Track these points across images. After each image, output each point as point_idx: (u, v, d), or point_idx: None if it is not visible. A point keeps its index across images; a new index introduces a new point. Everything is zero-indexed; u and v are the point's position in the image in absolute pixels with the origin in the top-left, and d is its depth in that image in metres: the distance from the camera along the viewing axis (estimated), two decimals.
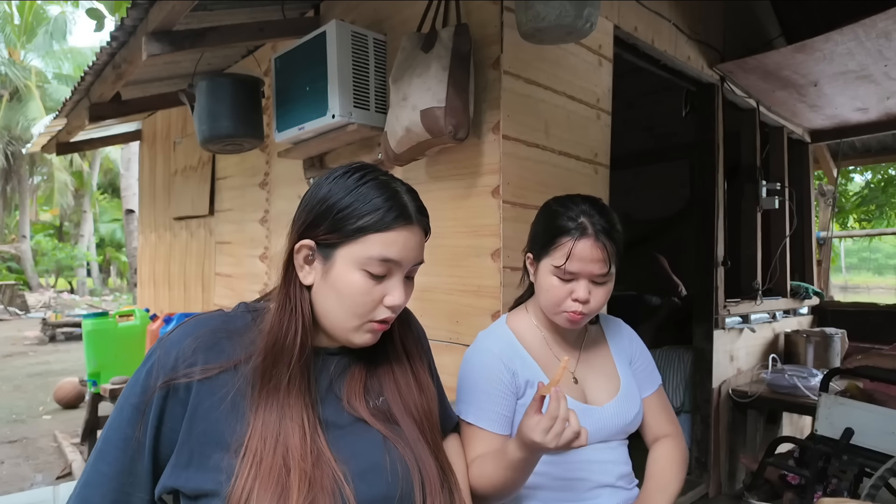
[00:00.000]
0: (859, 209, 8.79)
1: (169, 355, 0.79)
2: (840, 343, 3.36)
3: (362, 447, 0.84)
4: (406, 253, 0.83)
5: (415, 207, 0.85)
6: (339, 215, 0.81)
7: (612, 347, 1.29)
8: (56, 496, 0.98)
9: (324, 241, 0.82)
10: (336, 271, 0.82)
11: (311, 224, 0.83)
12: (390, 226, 0.81)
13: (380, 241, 0.81)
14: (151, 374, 0.78)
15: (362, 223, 0.80)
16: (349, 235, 0.81)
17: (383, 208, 0.81)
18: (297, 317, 0.83)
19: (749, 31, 3.27)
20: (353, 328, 0.84)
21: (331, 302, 0.83)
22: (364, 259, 0.81)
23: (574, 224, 1.10)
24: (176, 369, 0.78)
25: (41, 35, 18.02)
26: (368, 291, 0.82)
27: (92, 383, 3.46)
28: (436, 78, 1.67)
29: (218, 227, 3.49)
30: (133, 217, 10.11)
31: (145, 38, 2.00)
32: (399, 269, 0.84)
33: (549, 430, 0.89)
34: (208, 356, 0.80)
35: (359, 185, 0.82)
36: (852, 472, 2.04)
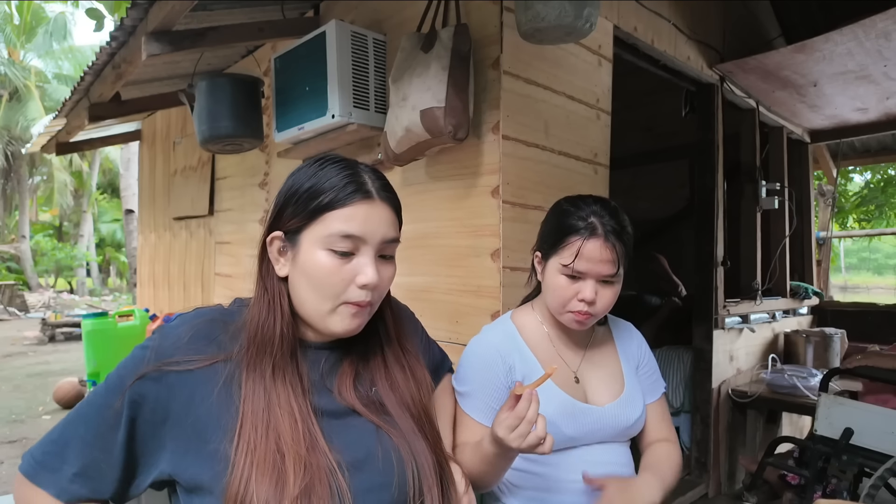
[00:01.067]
0: (859, 209, 8.80)
1: (166, 341, 0.81)
2: (839, 343, 3.36)
3: (355, 436, 0.84)
4: (368, 227, 0.82)
5: (378, 185, 0.85)
6: (300, 199, 0.82)
7: (620, 350, 1.29)
8: None
9: (290, 228, 0.83)
10: (302, 255, 0.82)
11: (277, 215, 0.85)
12: (347, 201, 0.81)
13: (339, 217, 0.80)
14: (145, 356, 0.80)
15: (319, 201, 0.81)
16: (310, 216, 0.81)
17: (337, 186, 0.81)
18: (275, 308, 0.84)
19: (749, 31, 3.27)
20: (327, 311, 0.83)
21: (303, 287, 0.83)
22: (325, 237, 0.80)
23: (584, 224, 1.10)
24: (170, 356, 0.79)
25: (41, 35, 18.01)
26: (336, 270, 0.81)
27: (91, 383, 3.46)
28: (435, 78, 1.67)
29: (217, 227, 3.49)
30: (133, 217, 10.11)
31: (145, 38, 2.00)
32: (366, 246, 0.83)
33: (514, 428, 0.90)
34: (203, 346, 0.81)
35: (319, 169, 0.84)
36: (852, 472, 2.04)
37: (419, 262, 2.02)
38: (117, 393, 0.78)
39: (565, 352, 1.22)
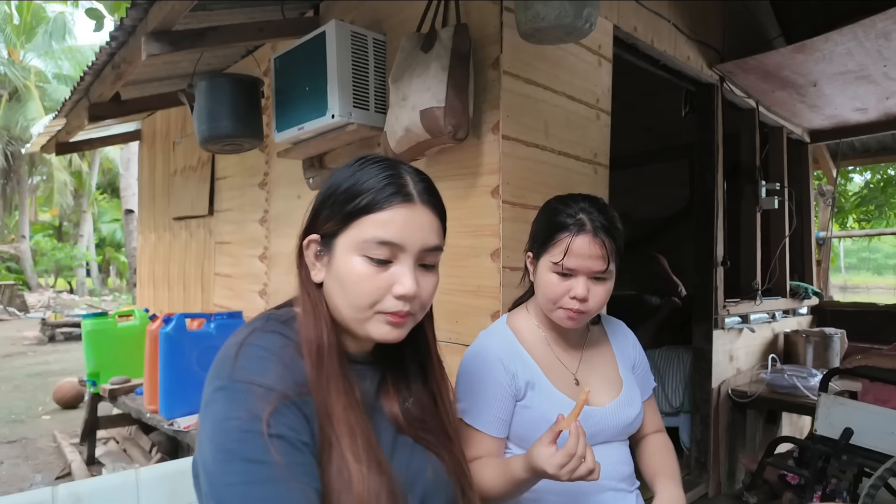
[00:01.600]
0: (858, 209, 8.80)
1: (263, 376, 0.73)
2: (839, 343, 3.36)
3: (405, 455, 0.83)
4: (407, 234, 0.76)
5: (420, 187, 0.79)
6: (336, 201, 0.77)
7: (616, 350, 1.29)
8: (55, 496, 0.98)
9: (326, 232, 0.79)
10: (337, 260, 0.77)
11: (314, 218, 0.81)
12: (384, 204, 0.75)
13: (375, 222, 0.75)
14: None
15: (356, 203, 0.75)
16: (346, 220, 0.76)
17: (375, 188, 0.76)
18: (318, 316, 0.79)
19: (748, 31, 3.27)
20: (362, 320, 0.78)
21: (337, 294, 0.78)
22: (361, 243, 0.75)
23: (572, 220, 1.10)
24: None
25: (41, 35, 18.01)
26: (370, 278, 0.75)
27: (91, 383, 3.46)
28: (435, 78, 1.67)
29: (217, 227, 3.49)
30: (132, 217, 10.11)
31: (145, 38, 2.00)
32: (404, 254, 0.76)
33: (564, 466, 0.89)
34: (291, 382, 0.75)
35: (358, 169, 0.79)
36: (851, 472, 2.04)
37: None
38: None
39: (563, 354, 1.22)
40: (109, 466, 3.40)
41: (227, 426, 0.68)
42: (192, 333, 2.83)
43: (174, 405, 2.76)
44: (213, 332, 2.84)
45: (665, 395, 3.11)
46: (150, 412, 2.94)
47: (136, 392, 3.30)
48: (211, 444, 0.69)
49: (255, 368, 0.72)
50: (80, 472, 3.38)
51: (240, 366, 0.73)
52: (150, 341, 2.92)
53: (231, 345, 0.78)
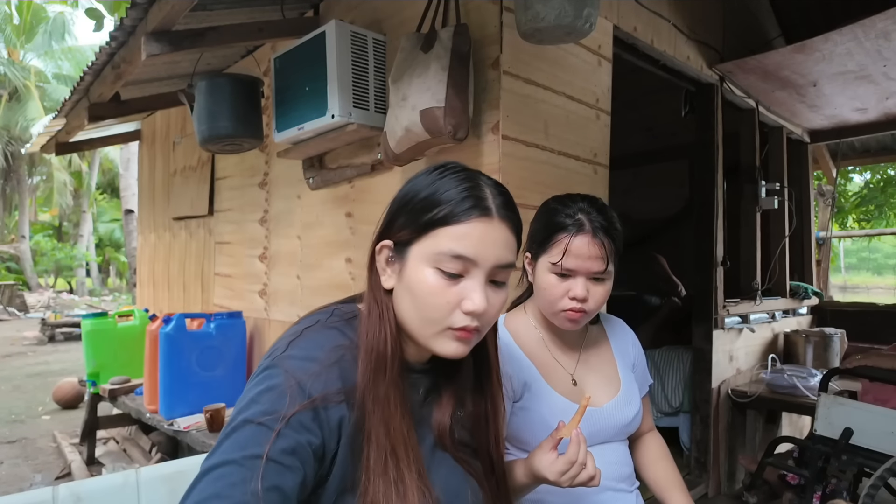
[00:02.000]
0: (858, 209, 8.80)
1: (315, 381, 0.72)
2: (839, 343, 3.36)
3: (445, 474, 0.82)
4: (482, 249, 0.74)
5: (498, 201, 0.77)
6: (413, 210, 0.76)
7: (615, 349, 1.28)
8: (55, 496, 0.98)
9: (400, 239, 0.77)
10: (409, 269, 0.76)
11: (389, 223, 0.79)
12: (462, 217, 0.73)
13: (451, 235, 0.73)
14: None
15: (432, 215, 0.74)
16: (421, 229, 0.75)
17: (454, 200, 0.74)
18: (384, 323, 0.77)
19: (748, 31, 3.27)
20: (430, 335, 0.76)
21: (406, 304, 0.77)
22: (434, 255, 0.73)
23: (571, 220, 1.09)
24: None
25: (40, 35, 18.01)
26: (441, 292, 0.74)
27: (91, 383, 3.46)
28: (435, 78, 1.67)
29: (217, 227, 3.49)
30: (132, 217, 10.10)
31: (144, 38, 2.00)
32: (477, 269, 0.74)
33: (565, 473, 0.89)
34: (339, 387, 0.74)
35: (438, 178, 0.77)
36: (851, 472, 2.04)
37: None
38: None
39: (560, 355, 1.22)
40: (109, 466, 3.40)
41: (246, 404, 0.69)
42: (192, 333, 2.83)
43: (174, 405, 2.76)
44: (212, 332, 2.85)
45: (665, 395, 3.11)
46: (149, 412, 2.95)
47: (135, 392, 3.31)
48: (235, 410, 0.71)
49: (300, 360, 0.72)
50: (79, 472, 3.38)
51: (289, 353, 0.73)
52: (150, 341, 2.92)
53: (292, 332, 0.78)
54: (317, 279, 2.57)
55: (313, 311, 0.84)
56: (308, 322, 0.79)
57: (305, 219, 2.65)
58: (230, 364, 2.90)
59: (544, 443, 0.94)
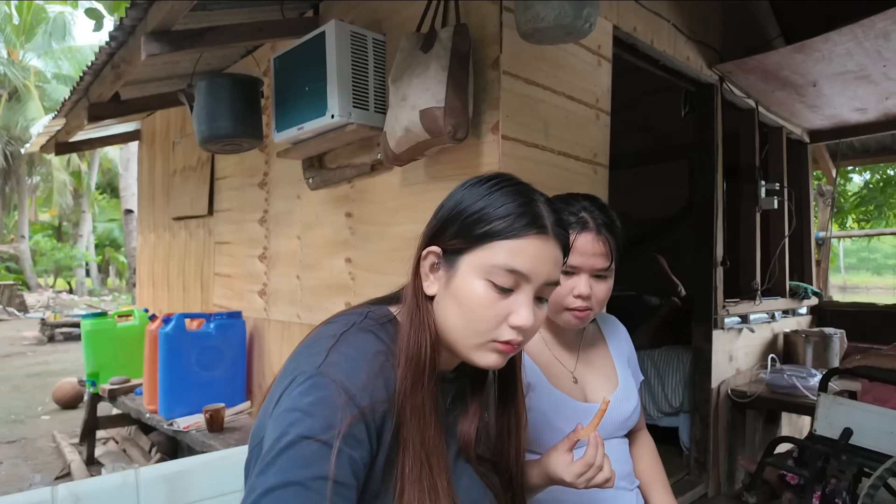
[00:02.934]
0: (858, 209, 8.80)
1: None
2: (839, 343, 3.36)
3: (466, 485, 0.82)
4: (536, 266, 0.75)
5: (553, 219, 0.77)
6: (467, 220, 0.76)
7: (611, 346, 1.30)
8: (54, 497, 0.98)
9: (450, 248, 0.77)
10: (458, 279, 0.76)
11: (438, 230, 0.79)
12: (520, 233, 0.74)
13: (507, 249, 0.74)
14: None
15: (489, 228, 0.74)
16: (475, 241, 0.75)
17: (514, 214, 0.74)
18: (426, 330, 0.77)
19: (748, 31, 3.27)
20: (474, 346, 0.76)
21: (451, 313, 0.76)
22: (488, 267, 0.74)
23: (575, 218, 1.11)
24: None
25: (40, 35, 18.01)
26: (491, 305, 0.74)
27: (91, 383, 3.46)
28: (435, 78, 1.67)
29: (217, 227, 3.48)
30: (132, 217, 10.10)
31: (144, 38, 2.00)
32: (528, 285, 0.75)
33: (582, 475, 0.91)
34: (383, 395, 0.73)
35: (492, 190, 0.77)
36: (851, 472, 2.04)
37: None
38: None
39: (561, 353, 1.23)
40: (109, 466, 3.40)
41: (293, 416, 0.66)
42: (192, 333, 2.83)
43: (174, 405, 2.76)
44: (212, 332, 2.85)
45: (665, 395, 3.11)
46: (149, 412, 2.94)
47: (135, 392, 3.30)
48: (273, 425, 0.68)
49: (346, 370, 0.70)
50: (79, 472, 3.38)
51: (331, 361, 0.71)
52: (150, 341, 2.92)
53: (326, 335, 0.76)
54: (316, 279, 2.57)
55: (344, 311, 0.84)
56: (342, 325, 0.78)
57: (305, 219, 2.65)
58: (230, 364, 2.90)
59: (560, 444, 0.95)
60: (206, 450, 2.38)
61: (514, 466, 0.90)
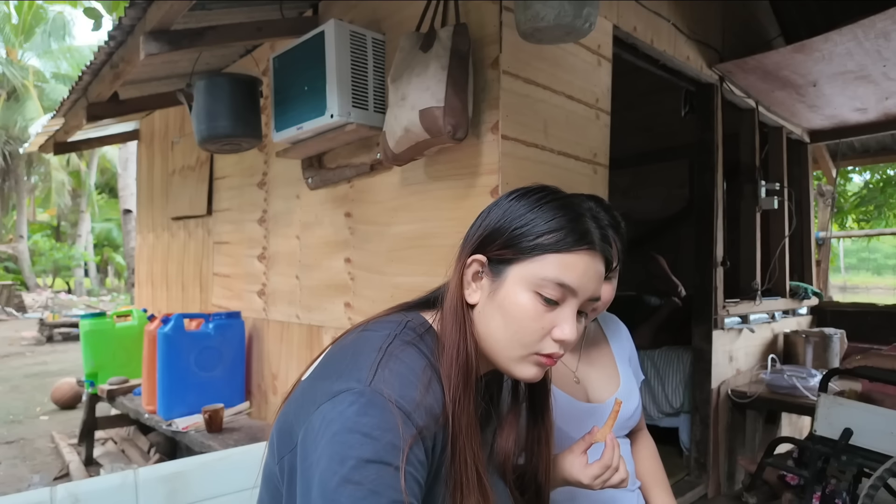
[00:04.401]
0: (858, 209, 8.80)
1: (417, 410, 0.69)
2: (839, 343, 3.36)
3: (499, 492, 0.83)
4: (584, 281, 0.75)
5: (599, 234, 0.78)
6: (516, 231, 0.76)
7: (613, 345, 1.30)
8: (53, 497, 0.97)
9: (497, 258, 0.77)
10: (505, 290, 0.75)
11: (485, 239, 0.79)
12: (571, 247, 0.74)
13: (558, 263, 0.74)
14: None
15: (541, 241, 0.74)
16: (525, 252, 0.75)
17: (566, 228, 0.75)
18: (469, 340, 0.76)
19: (748, 31, 3.27)
20: (516, 358, 0.76)
21: (495, 324, 0.76)
22: (538, 280, 0.74)
23: None
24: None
25: (39, 34, 18.00)
26: (538, 317, 0.74)
27: (89, 384, 3.45)
28: (434, 78, 1.67)
29: (216, 227, 3.48)
30: (130, 217, 10.09)
31: (143, 38, 1.99)
32: (573, 299, 0.76)
33: (599, 477, 0.91)
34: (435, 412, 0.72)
35: (540, 203, 0.77)
36: (851, 472, 2.04)
37: (419, 262, 2.01)
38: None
39: (566, 355, 1.22)
40: (108, 467, 3.39)
41: (354, 439, 0.64)
42: (191, 334, 2.83)
43: (172, 405, 2.75)
44: (211, 333, 2.84)
45: (665, 396, 3.11)
46: (148, 412, 2.94)
47: (134, 392, 3.30)
48: (329, 446, 0.64)
49: (398, 387, 0.68)
50: (78, 472, 3.38)
51: (382, 377, 0.68)
52: (149, 341, 2.91)
53: (369, 347, 0.73)
54: (316, 279, 2.56)
55: (380, 318, 0.82)
56: (383, 337, 0.75)
57: (304, 219, 2.64)
58: (229, 364, 2.89)
59: (575, 447, 0.96)
60: (205, 450, 2.38)
61: (543, 477, 0.91)
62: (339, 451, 0.63)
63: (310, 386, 0.74)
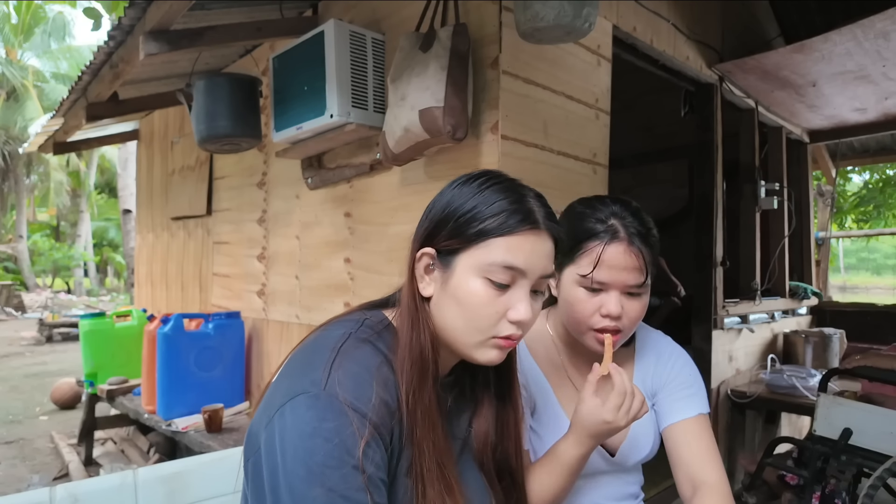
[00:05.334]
0: (857, 209, 8.81)
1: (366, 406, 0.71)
2: (839, 343, 3.36)
3: (472, 485, 0.83)
4: (532, 260, 0.76)
5: (543, 213, 0.78)
6: (460, 220, 0.76)
7: (637, 375, 1.12)
8: (53, 497, 0.97)
9: (444, 248, 0.77)
10: (456, 279, 0.76)
11: (431, 231, 0.79)
12: (515, 229, 0.74)
13: (503, 246, 0.74)
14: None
15: (484, 226, 0.75)
16: (471, 240, 0.75)
17: (507, 210, 0.75)
18: (426, 332, 0.77)
19: (747, 31, 3.27)
20: (475, 343, 0.77)
21: (451, 314, 0.77)
22: (486, 265, 0.74)
23: (603, 227, 0.97)
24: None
25: (39, 34, 18.00)
26: (490, 302, 0.75)
27: (89, 384, 3.45)
28: (434, 78, 1.67)
29: (215, 227, 3.48)
30: (130, 217, 10.09)
31: (143, 38, 1.99)
32: (524, 280, 0.76)
33: (621, 406, 0.87)
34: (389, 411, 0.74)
35: (482, 188, 0.77)
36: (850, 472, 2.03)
37: None
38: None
39: (576, 376, 1.11)
40: (107, 467, 3.39)
41: (315, 445, 0.66)
42: (190, 334, 2.83)
43: (172, 405, 2.75)
44: (210, 333, 2.84)
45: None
46: (147, 412, 2.94)
47: (133, 392, 3.30)
48: (291, 452, 0.67)
49: (352, 388, 0.70)
50: (77, 472, 3.37)
51: (336, 379, 0.70)
52: (148, 342, 2.91)
53: (324, 347, 0.75)
54: (315, 279, 2.56)
55: (339, 317, 0.83)
56: (339, 336, 0.76)
57: (304, 219, 2.64)
58: (228, 364, 2.89)
59: (584, 393, 0.90)
60: (205, 450, 2.38)
61: (515, 461, 0.90)
62: (303, 458, 0.66)
63: (273, 388, 0.76)
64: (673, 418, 1.05)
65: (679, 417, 1.04)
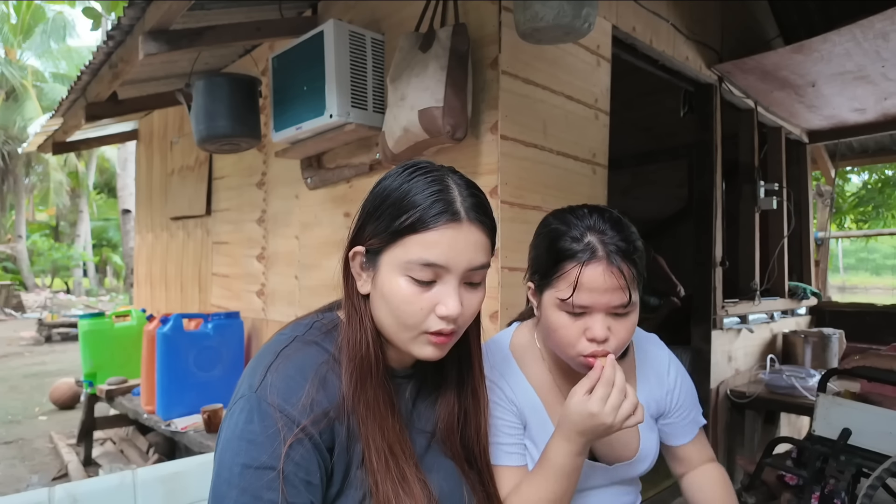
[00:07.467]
0: (856, 210, 8.82)
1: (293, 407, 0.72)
2: (838, 343, 3.36)
3: (442, 476, 0.83)
4: (452, 255, 0.73)
5: (468, 203, 0.75)
6: (381, 217, 0.74)
7: (641, 391, 1.06)
8: (52, 497, 0.97)
9: (371, 247, 0.76)
10: (382, 277, 0.75)
11: (359, 231, 0.78)
12: (430, 225, 0.72)
13: (419, 243, 0.72)
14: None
15: (401, 222, 0.72)
16: (389, 238, 0.74)
17: (423, 205, 0.72)
18: (365, 329, 0.78)
19: (747, 31, 3.27)
20: (407, 340, 0.77)
21: (382, 311, 0.77)
22: (405, 264, 0.73)
23: (580, 245, 0.88)
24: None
25: (38, 34, 17.98)
26: (414, 299, 0.73)
27: (88, 384, 3.45)
28: (434, 78, 1.67)
29: (215, 227, 3.48)
30: (130, 217, 10.09)
31: (142, 38, 1.99)
32: (449, 275, 0.74)
33: (607, 398, 0.82)
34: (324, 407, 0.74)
35: (406, 181, 0.75)
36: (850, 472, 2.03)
37: None
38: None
39: (568, 390, 1.03)
40: (106, 467, 3.39)
41: (240, 446, 0.69)
42: (190, 334, 2.82)
43: (171, 406, 2.75)
44: (210, 333, 2.84)
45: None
46: (147, 413, 2.94)
47: (133, 392, 3.29)
48: (221, 453, 0.71)
49: (283, 390, 0.72)
50: (76, 472, 3.37)
51: (268, 383, 0.72)
52: (148, 342, 2.91)
53: (269, 351, 0.78)
54: (315, 279, 2.56)
55: (295, 321, 0.85)
56: (284, 340, 0.79)
57: (303, 219, 2.64)
58: (228, 364, 2.89)
59: (577, 387, 0.86)
60: (204, 450, 2.38)
61: (476, 446, 0.89)
62: (227, 458, 0.70)
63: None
64: (680, 440, 1.11)
65: (686, 440, 1.11)
